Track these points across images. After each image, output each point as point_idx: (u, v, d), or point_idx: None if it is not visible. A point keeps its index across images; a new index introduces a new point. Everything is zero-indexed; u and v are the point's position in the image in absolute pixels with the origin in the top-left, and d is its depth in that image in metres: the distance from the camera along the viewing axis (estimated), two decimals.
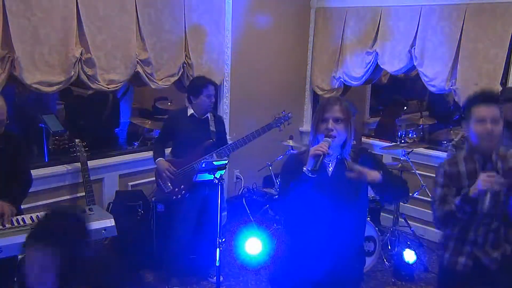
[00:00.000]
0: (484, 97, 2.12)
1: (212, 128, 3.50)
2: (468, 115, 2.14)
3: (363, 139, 5.05)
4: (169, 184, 3.38)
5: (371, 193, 2.41)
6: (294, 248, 2.07)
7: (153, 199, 3.69)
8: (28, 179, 2.62)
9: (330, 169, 2.00)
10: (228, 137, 3.98)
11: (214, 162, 2.95)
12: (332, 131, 1.93)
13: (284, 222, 2.14)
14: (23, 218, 2.30)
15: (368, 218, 3.72)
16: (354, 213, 2.01)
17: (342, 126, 1.95)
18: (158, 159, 3.45)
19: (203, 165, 2.97)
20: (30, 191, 2.83)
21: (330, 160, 2.01)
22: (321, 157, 1.85)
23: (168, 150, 3.62)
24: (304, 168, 1.86)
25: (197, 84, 3.46)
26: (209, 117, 3.52)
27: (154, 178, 3.55)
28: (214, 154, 3.36)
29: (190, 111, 3.46)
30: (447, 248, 2.28)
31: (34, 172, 3.02)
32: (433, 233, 4.53)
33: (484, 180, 1.98)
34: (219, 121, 3.64)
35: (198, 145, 3.39)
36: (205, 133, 3.45)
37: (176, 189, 3.36)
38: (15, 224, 2.22)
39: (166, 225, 3.57)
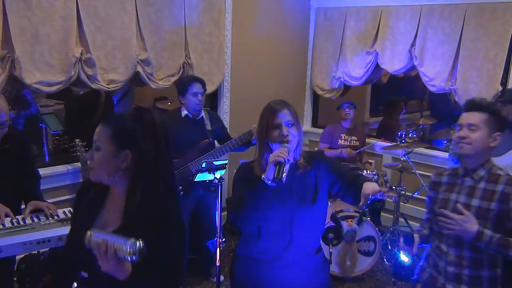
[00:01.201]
0: (466, 105, 1.98)
1: (208, 127, 3.45)
2: None
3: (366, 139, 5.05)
4: None
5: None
6: (252, 257, 1.97)
7: None
8: (37, 175, 2.63)
9: (284, 175, 1.89)
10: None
11: (214, 162, 2.94)
12: (288, 137, 1.85)
13: (241, 232, 2.05)
14: (23, 218, 2.30)
15: (368, 218, 3.71)
16: (310, 219, 1.91)
17: (295, 129, 1.88)
18: None
19: (204, 165, 2.96)
20: None
21: (284, 165, 1.92)
22: (283, 164, 1.76)
23: None
24: (263, 176, 1.77)
25: (183, 82, 3.42)
26: (204, 116, 3.47)
27: None
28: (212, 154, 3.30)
29: (184, 112, 3.41)
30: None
31: None
32: None
33: None
34: (214, 118, 3.58)
35: (194, 146, 3.34)
36: (201, 133, 3.40)
37: None
38: (15, 224, 2.22)
39: None
